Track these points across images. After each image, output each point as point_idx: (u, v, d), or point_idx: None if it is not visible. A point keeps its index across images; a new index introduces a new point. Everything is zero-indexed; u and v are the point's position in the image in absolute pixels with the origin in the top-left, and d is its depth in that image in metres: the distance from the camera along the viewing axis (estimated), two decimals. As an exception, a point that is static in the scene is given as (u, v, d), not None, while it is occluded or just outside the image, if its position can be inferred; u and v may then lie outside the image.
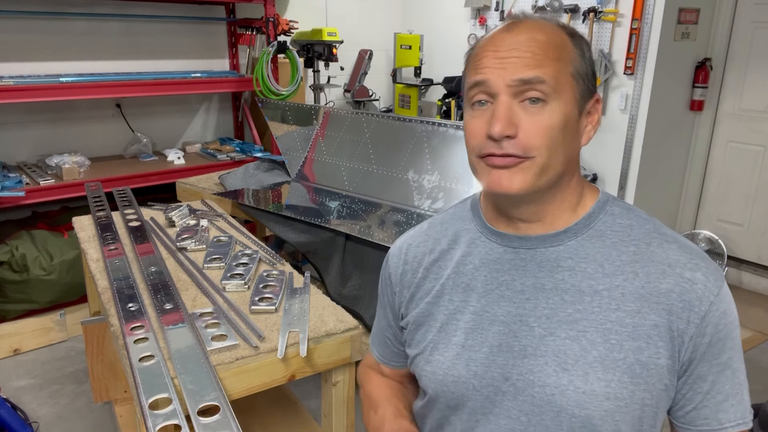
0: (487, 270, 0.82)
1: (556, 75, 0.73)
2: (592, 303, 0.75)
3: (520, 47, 0.73)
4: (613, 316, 0.74)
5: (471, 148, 0.79)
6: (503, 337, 0.78)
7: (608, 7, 3.43)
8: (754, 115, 3.51)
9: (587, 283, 0.76)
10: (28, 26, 3.04)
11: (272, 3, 3.38)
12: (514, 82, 0.72)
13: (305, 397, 2.20)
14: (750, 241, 3.61)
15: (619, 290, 0.75)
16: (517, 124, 0.72)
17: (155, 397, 1.09)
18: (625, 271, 0.76)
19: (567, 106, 0.74)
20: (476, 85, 0.75)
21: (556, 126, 0.73)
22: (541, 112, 0.72)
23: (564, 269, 0.78)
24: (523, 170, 0.73)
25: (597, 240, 0.78)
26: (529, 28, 0.75)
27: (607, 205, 0.82)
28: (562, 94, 0.73)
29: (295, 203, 2.57)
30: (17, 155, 3.16)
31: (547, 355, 0.75)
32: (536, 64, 0.72)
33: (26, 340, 2.77)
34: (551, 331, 0.76)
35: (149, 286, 1.54)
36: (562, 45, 0.75)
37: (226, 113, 3.94)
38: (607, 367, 0.73)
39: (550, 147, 0.73)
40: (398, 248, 0.95)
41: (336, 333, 1.38)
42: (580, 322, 0.75)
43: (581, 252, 0.78)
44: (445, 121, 2.31)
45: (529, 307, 0.78)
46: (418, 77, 4.48)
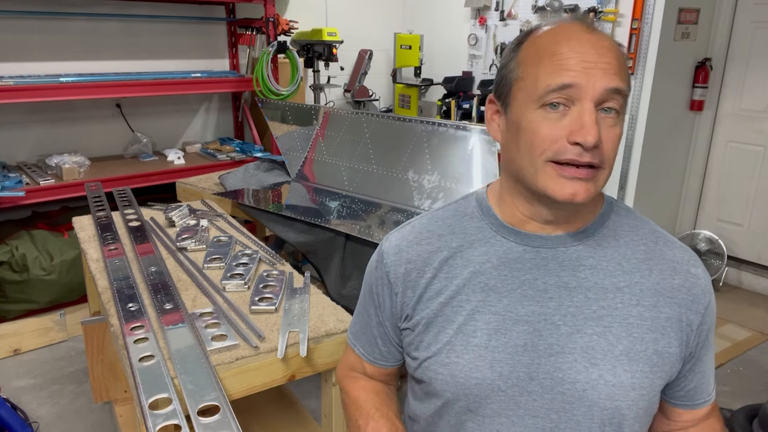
0: (507, 269, 0.82)
1: (627, 88, 0.75)
2: (615, 299, 0.78)
3: (608, 54, 0.73)
4: (634, 311, 0.78)
5: (540, 152, 0.74)
6: (528, 337, 0.78)
7: (608, 7, 3.43)
8: (754, 115, 3.51)
9: (609, 280, 0.79)
10: (28, 26, 3.04)
11: (272, 3, 3.38)
12: (606, 90, 0.71)
13: (305, 397, 2.20)
14: (750, 241, 3.60)
15: (638, 286, 0.79)
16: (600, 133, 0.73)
17: (155, 397, 1.09)
18: (641, 268, 0.80)
19: (623, 122, 0.77)
20: (562, 87, 0.72)
21: (618, 140, 0.76)
22: (616, 123, 0.74)
23: (586, 267, 0.80)
24: (596, 181, 0.75)
25: (612, 239, 0.82)
26: (605, 34, 0.75)
27: (614, 206, 0.86)
28: (623, 110, 0.76)
29: (295, 203, 2.57)
30: (17, 155, 3.16)
31: (575, 352, 0.77)
32: (620, 74, 0.73)
33: (26, 340, 2.77)
34: (578, 329, 0.78)
35: (149, 286, 1.54)
36: (625, 58, 0.77)
37: (226, 113, 3.94)
38: (632, 359, 0.77)
39: (613, 159, 0.76)
40: (395, 246, 0.90)
41: (336, 333, 1.38)
42: (605, 318, 0.78)
43: (600, 251, 0.81)
44: (445, 121, 2.31)
45: (554, 306, 0.79)
46: (418, 77, 4.48)
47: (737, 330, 3.08)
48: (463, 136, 2.23)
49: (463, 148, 2.23)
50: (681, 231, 3.80)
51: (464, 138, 2.23)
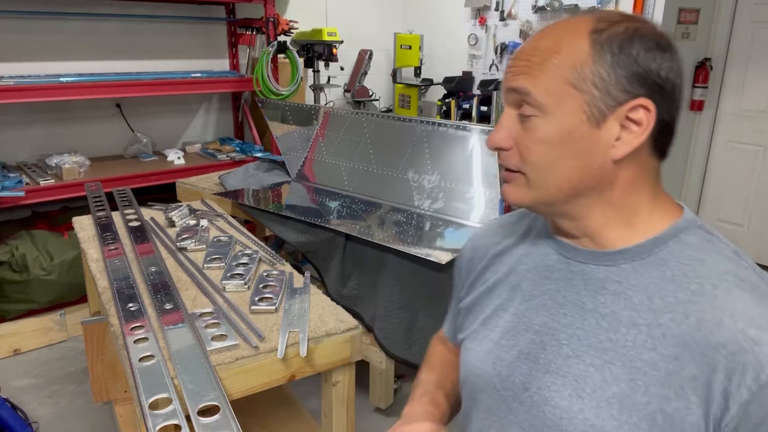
0: (536, 275, 0.80)
1: (552, 84, 0.67)
2: (627, 335, 0.68)
3: (522, 55, 0.71)
4: (646, 356, 0.66)
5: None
6: (532, 347, 0.76)
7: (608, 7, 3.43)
8: (754, 115, 3.51)
9: (628, 313, 0.69)
10: (28, 26, 3.04)
11: (272, 3, 3.38)
12: (508, 92, 0.71)
13: (305, 397, 2.20)
14: (750, 241, 3.60)
15: (661, 329, 0.66)
16: (515, 137, 0.71)
17: (155, 397, 1.09)
18: (675, 310, 0.66)
19: (566, 119, 0.68)
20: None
21: (549, 141, 0.69)
22: (533, 126, 0.69)
23: (608, 292, 0.72)
24: (514, 184, 0.73)
25: (656, 269, 0.70)
26: (543, 33, 0.72)
27: (684, 233, 0.72)
28: (561, 105, 0.67)
29: (295, 203, 2.57)
30: (17, 155, 3.16)
31: (567, 377, 0.71)
32: (527, 73, 0.69)
33: (26, 340, 2.77)
34: (578, 354, 0.71)
35: (149, 286, 1.54)
36: (569, 47, 0.68)
37: (226, 113, 3.94)
38: (625, 407, 0.66)
39: (542, 164, 0.70)
40: (474, 234, 0.96)
41: (336, 333, 1.38)
42: (609, 352, 0.69)
43: (632, 278, 0.70)
44: (445, 121, 2.31)
45: (564, 323, 0.74)
46: (418, 77, 4.48)
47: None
48: (463, 136, 2.23)
49: (463, 148, 2.23)
50: (681, 231, 3.80)
51: (464, 138, 2.23)
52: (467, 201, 2.25)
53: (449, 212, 2.29)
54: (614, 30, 0.67)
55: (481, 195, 2.21)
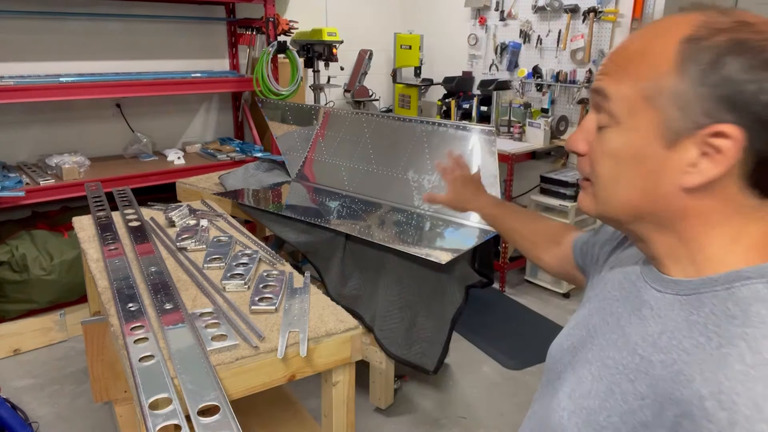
0: (619, 278, 0.77)
1: (627, 93, 0.61)
2: (622, 360, 0.66)
3: (612, 55, 0.66)
4: (624, 385, 0.64)
5: None
6: (579, 343, 0.78)
7: (608, 7, 3.43)
8: (754, 115, 3.51)
9: (636, 339, 0.66)
10: (28, 26, 3.04)
11: (272, 3, 3.38)
12: (591, 92, 0.66)
13: (305, 397, 2.20)
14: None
15: (647, 366, 0.63)
16: (590, 142, 0.67)
17: (155, 397, 1.09)
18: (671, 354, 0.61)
19: (636, 134, 0.61)
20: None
21: (615, 156, 0.63)
22: (604, 135, 0.64)
23: (639, 315, 0.69)
24: (585, 193, 0.70)
25: (688, 309, 0.62)
26: (638, 33, 0.64)
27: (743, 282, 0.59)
28: (632, 117, 0.61)
29: (295, 203, 2.57)
30: (17, 155, 3.16)
31: (574, 376, 0.74)
32: (611, 75, 0.63)
33: (26, 340, 2.77)
34: (591, 362, 0.72)
35: (149, 286, 1.54)
36: (653, 57, 0.59)
37: (226, 113, 3.94)
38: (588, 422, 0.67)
39: (606, 178, 0.65)
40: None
41: (336, 333, 1.38)
42: (607, 369, 0.68)
43: (663, 310, 0.65)
44: (445, 121, 2.31)
45: (602, 331, 0.73)
46: (418, 77, 4.48)
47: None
48: (463, 136, 2.23)
49: (463, 148, 2.23)
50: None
51: (464, 138, 2.23)
52: (467, 201, 2.25)
53: (449, 212, 2.29)
54: (713, 40, 0.56)
55: (481, 195, 2.21)
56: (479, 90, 4.16)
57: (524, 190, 4.07)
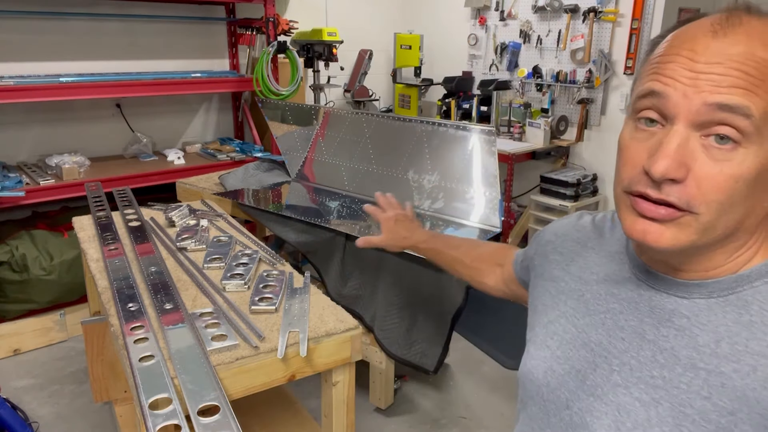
0: (604, 289, 0.74)
1: (767, 109, 0.54)
2: (682, 377, 0.62)
3: (729, 62, 0.55)
4: (698, 403, 0.60)
5: (620, 180, 0.62)
6: (585, 365, 0.72)
7: (608, 7, 3.43)
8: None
9: (688, 352, 0.62)
10: (28, 26, 3.04)
11: (272, 3, 3.38)
12: (706, 107, 0.55)
13: (305, 397, 2.20)
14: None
15: (720, 378, 0.59)
16: (689, 166, 0.56)
17: (155, 397, 1.09)
18: (743, 360, 0.59)
19: (766, 154, 0.56)
20: (650, 94, 0.59)
21: (744, 178, 0.56)
22: (729, 157, 0.55)
23: (673, 326, 0.65)
24: (679, 225, 0.58)
25: (734, 310, 0.62)
26: (750, 37, 0.55)
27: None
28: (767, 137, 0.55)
29: (295, 203, 2.57)
30: (17, 155, 3.16)
31: (610, 405, 0.66)
32: (747, 89, 0.54)
33: (26, 340, 2.77)
34: (627, 384, 0.66)
35: (149, 286, 1.54)
36: None
37: (226, 113, 3.94)
38: None
39: (725, 204, 0.57)
40: (563, 219, 0.92)
41: (336, 333, 1.38)
42: (659, 390, 0.63)
43: (704, 316, 0.63)
44: (445, 121, 2.31)
45: (620, 348, 0.68)
46: (418, 77, 4.48)
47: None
48: (463, 136, 2.23)
49: (463, 148, 2.23)
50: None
51: (464, 138, 2.23)
52: (467, 201, 2.25)
53: (449, 212, 2.29)
54: None
55: (481, 195, 2.21)
56: (479, 90, 4.16)
57: (524, 190, 4.07)
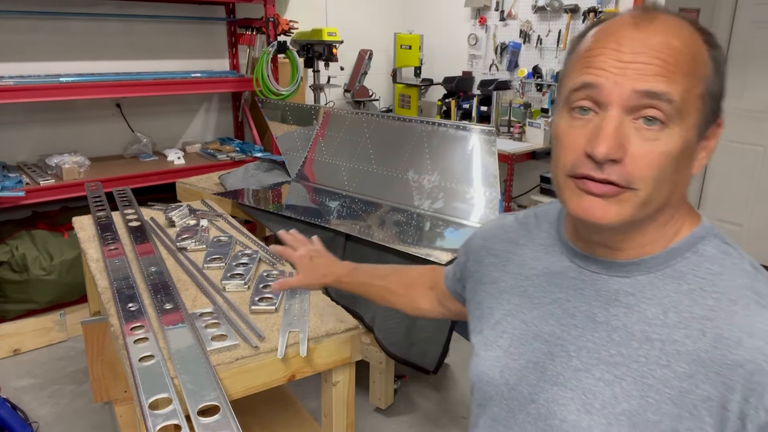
0: (546, 281, 0.77)
1: (684, 94, 0.61)
2: (639, 350, 0.66)
3: (650, 52, 0.61)
4: (658, 372, 0.65)
5: (563, 165, 0.66)
6: (541, 357, 0.74)
7: (608, 7, 3.43)
8: (754, 115, 3.51)
9: (641, 327, 0.67)
10: (28, 26, 3.04)
11: (272, 3, 3.38)
12: (635, 93, 0.61)
13: (305, 397, 2.20)
14: (750, 241, 3.61)
15: (675, 345, 0.65)
16: (626, 146, 0.62)
17: (155, 397, 1.09)
18: (691, 326, 0.65)
19: (688, 132, 0.63)
20: (584, 87, 0.64)
21: (670, 155, 0.62)
22: (657, 137, 0.62)
23: (621, 305, 0.69)
24: (621, 202, 0.64)
25: (672, 282, 0.68)
26: (665, 29, 0.62)
27: (701, 243, 0.69)
28: (687, 117, 0.62)
29: (295, 203, 2.57)
30: (17, 155, 3.16)
31: (575, 390, 0.69)
32: (667, 76, 0.61)
33: (26, 340, 2.77)
34: (587, 367, 0.69)
35: (149, 286, 1.54)
36: (698, 56, 0.63)
37: (226, 113, 3.94)
38: (636, 424, 0.65)
39: (658, 179, 0.63)
40: (491, 224, 0.93)
41: (336, 333, 1.38)
42: (620, 366, 0.67)
43: (647, 291, 0.68)
44: (445, 121, 2.31)
45: (574, 335, 0.72)
46: (418, 77, 4.48)
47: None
48: (463, 136, 2.23)
49: (463, 148, 2.23)
50: (681, 231, 3.80)
51: (464, 138, 2.23)
52: (467, 201, 2.25)
53: (449, 212, 2.29)
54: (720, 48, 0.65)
55: (481, 195, 2.21)
56: (479, 90, 4.16)
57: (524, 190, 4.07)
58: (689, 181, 0.68)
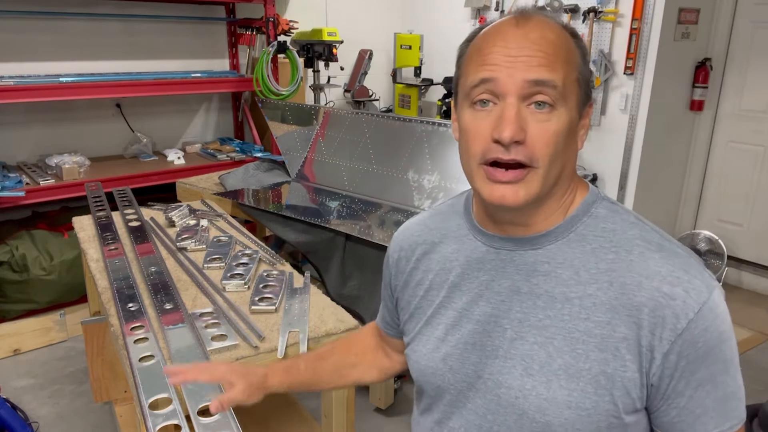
0: (470, 269, 0.83)
1: (565, 80, 0.71)
2: (562, 310, 0.74)
3: (532, 46, 0.70)
4: (581, 326, 0.73)
5: (474, 154, 0.74)
6: (477, 336, 0.80)
7: (608, 7, 3.43)
8: (754, 115, 3.51)
9: (560, 289, 0.75)
10: (28, 26, 3.04)
11: (272, 3, 3.38)
12: (526, 83, 0.69)
13: (305, 397, 2.20)
14: (750, 241, 3.60)
15: (591, 299, 0.73)
16: (526, 129, 0.69)
17: (155, 397, 1.09)
18: (600, 279, 0.73)
19: (571, 112, 0.72)
20: (482, 82, 0.71)
21: (561, 133, 0.71)
22: (548, 118, 0.70)
23: (540, 274, 0.77)
24: (527, 183, 0.71)
25: (577, 245, 0.76)
26: (540, 26, 0.72)
27: (593, 207, 0.79)
28: (568, 99, 0.72)
29: (295, 203, 2.57)
30: (17, 155, 3.16)
31: (515, 358, 0.76)
32: (549, 66, 0.69)
33: (26, 340, 2.77)
34: (521, 335, 0.76)
35: (149, 286, 1.54)
36: (570, 47, 0.73)
37: (226, 113, 3.94)
38: (571, 376, 0.72)
39: (553, 155, 0.71)
40: (400, 233, 0.97)
41: (336, 333, 1.38)
42: (549, 328, 0.75)
43: (559, 257, 0.76)
44: (445, 121, 2.31)
45: (504, 309, 0.78)
46: (418, 77, 4.47)
47: (737, 330, 3.08)
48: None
49: (463, 148, 2.23)
50: (681, 231, 3.80)
51: (464, 138, 2.23)
52: (467, 201, 2.25)
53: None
54: (582, 41, 0.77)
55: (481, 195, 2.21)
56: (479, 90, 4.15)
57: (524, 190, 4.07)
58: (576, 155, 0.78)
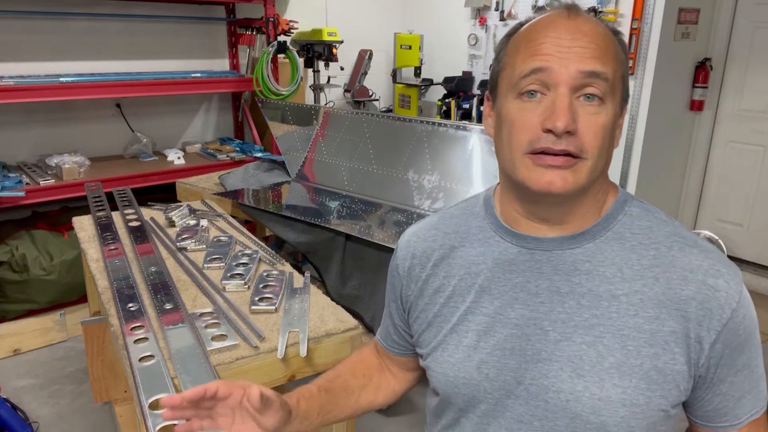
0: (500, 271, 0.80)
1: (614, 74, 0.70)
2: (609, 308, 0.73)
3: (585, 38, 0.69)
4: (630, 322, 0.72)
5: (518, 144, 0.72)
6: (516, 341, 0.77)
7: (608, 7, 3.43)
8: (754, 115, 3.51)
9: (605, 287, 0.74)
10: (28, 26, 3.04)
11: (272, 3, 3.38)
12: (580, 73, 0.68)
13: (305, 397, 2.20)
14: (750, 241, 3.61)
15: (638, 296, 0.73)
16: (577, 120, 0.69)
17: (155, 397, 1.09)
18: (645, 275, 0.73)
19: (615, 108, 0.72)
20: (533, 72, 0.70)
21: (608, 127, 0.71)
22: (598, 111, 0.70)
23: (581, 273, 0.75)
24: (576, 171, 0.70)
25: (616, 243, 0.76)
26: (589, 20, 0.72)
27: (626, 206, 0.79)
28: (615, 94, 0.72)
29: (295, 203, 2.57)
30: (17, 155, 3.16)
31: (562, 360, 0.74)
32: (601, 58, 0.69)
33: (26, 340, 2.77)
34: (567, 336, 0.74)
35: (149, 286, 1.54)
36: (615, 43, 0.73)
37: (226, 113, 3.94)
38: (624, 373, 0.72)
39: (601, 148, 0.71)
40: (407, 241, 0.93)
41: (336, 333, 1.38)
42: (596, 327, 0.73)
43: (599, 255, 0.76)
44: (445, 121, 2.31)
45: (544, 311, 0.76)
46: (418, 77, 4.48)
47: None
48: (463, 136, 2.23)
49: (463, 148, 2.23)
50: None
51: (464, 138, 2.23)
52: (467, 201, 2.25)
53: (449, 212, 2.29)
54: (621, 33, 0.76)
55: (481, 195, 2.21)
56: (479, 90, 4.15)
57: (524, 190, 4.07)
58: (612, 153, 0.77)
